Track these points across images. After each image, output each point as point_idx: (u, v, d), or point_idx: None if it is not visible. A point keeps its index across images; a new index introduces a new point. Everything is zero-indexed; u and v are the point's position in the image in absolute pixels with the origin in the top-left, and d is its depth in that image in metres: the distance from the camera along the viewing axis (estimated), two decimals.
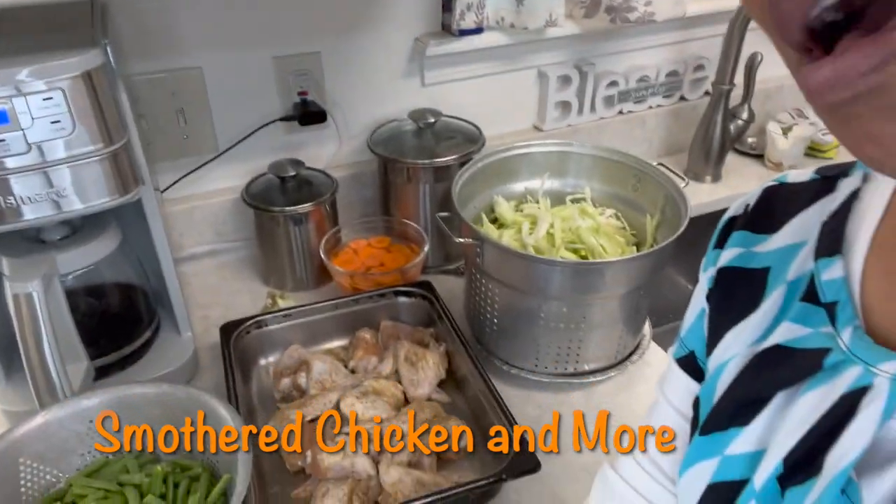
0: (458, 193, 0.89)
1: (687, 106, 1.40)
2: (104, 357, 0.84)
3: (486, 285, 0.87)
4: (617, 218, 0.98)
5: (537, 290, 0.81)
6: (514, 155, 0.99)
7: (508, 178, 1.01)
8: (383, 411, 0.80)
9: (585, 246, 0.91)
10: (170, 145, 1.05)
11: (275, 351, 0.92)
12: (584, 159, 1.00)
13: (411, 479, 0.73)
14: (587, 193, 1.00)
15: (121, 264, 0.86)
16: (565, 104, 1.29)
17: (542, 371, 0.89)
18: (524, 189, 1.01)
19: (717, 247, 0.47)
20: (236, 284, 1.10)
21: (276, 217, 1.01)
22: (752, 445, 0.39)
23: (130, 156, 0.72)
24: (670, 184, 0.89)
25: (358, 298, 0.94)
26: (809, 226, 0.41)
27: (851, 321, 0.35)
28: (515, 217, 0.97)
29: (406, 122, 1.12)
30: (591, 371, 0.90)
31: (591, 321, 0.84)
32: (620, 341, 0.89)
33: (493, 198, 0.99)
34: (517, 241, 0.92)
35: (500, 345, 0.91)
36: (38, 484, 0.70)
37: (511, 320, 0.87)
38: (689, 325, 0.49)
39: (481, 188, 0.98)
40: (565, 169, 1.01)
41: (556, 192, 1.01)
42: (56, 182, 0.67)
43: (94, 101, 0.66)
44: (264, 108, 1.08)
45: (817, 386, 0.36)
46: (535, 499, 0.75)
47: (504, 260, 0.83)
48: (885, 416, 0.32)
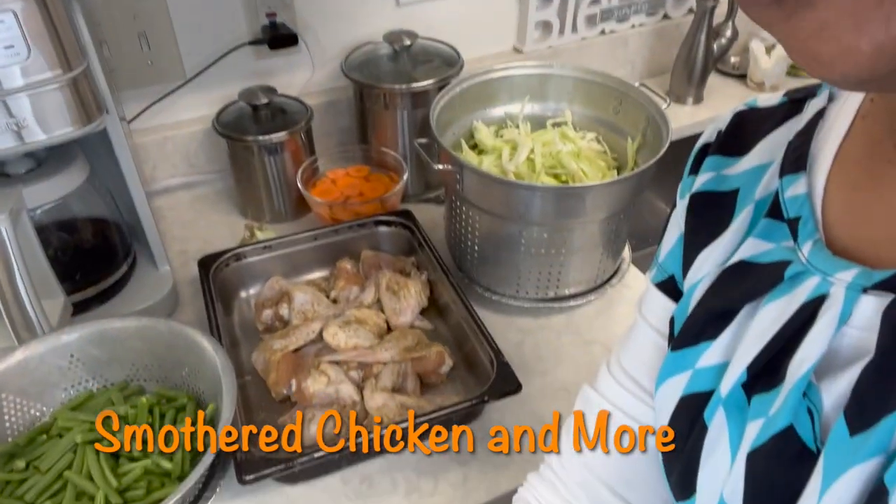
0: (437, 119, 0.87)
1: (670, 24, 1.37)
2: (81, 292, 0.83)
3: (466, 212, 0.86)
4: (598, 142, 0.96)
5: (518, 215, 0.81)
6: (493, 78, 0.96)
7: (488, 102, 0.98)
8: (366, 339, 0.81)
9: (566, 171, 0.90)
10: (134, 72, 1.00)
11: (255, 283, 0.92)
12: (565, 82, 0.97)
13: (395, 403, 0.74)
14: (568, 117, 0.98)
15: (91, 198, 0.83)
16: (546, 24, 1.25)
17: (523, 297, 0.90)
18: (504, 114, 0.99)
19: (692, 173, 0.48)
20: (213, 217, 1.08)
21: (250, 147, 0.98)
22: (719, 357, 0.41)
23: (92, 83, 0.69)
24: (652, 106, 0.88)
25: (338, 229, 0.93)
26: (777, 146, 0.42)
27: (812, 235, 0.36)
28: (495, 143, 0.95)
29: (381, 45, 1.08)
30: (571, 295, 0.91)
31: (572, 246, 0.84)
32: (600, 265, 0.89)
33: (473, 123, 0.97)
34: (497, 167, 0.91)
35: (482, 271, 0.91)
36: (22, 418, 0.71)
37: (492, 247, 0.87)
38: (667, 250, 0.50)
39: (460, 114, 0.96)
40: (546, 92, 0.98)
41: (537, 116, 0.99)
42: (15, 111, 0.64)
43: (49, 23, 0.63)
44: (232, 32, 1.03)
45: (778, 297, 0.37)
46: (517, 419, 0.77)
47: (484, 186, 0.82)
48: (840, 322, 0.34)
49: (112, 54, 0.97)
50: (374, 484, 0.71)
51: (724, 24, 1.29)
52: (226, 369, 0.68)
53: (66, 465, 0.66)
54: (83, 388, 0.74)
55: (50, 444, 0.67)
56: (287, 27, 1.04)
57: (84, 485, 0.64)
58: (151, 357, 0.75)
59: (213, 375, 0.69)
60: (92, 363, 0.74)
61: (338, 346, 0.80)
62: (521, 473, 0.71)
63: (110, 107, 0.74)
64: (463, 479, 0.71)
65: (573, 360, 0.85)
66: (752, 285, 0.39)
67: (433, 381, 0.80)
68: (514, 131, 0.96)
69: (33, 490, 0.63)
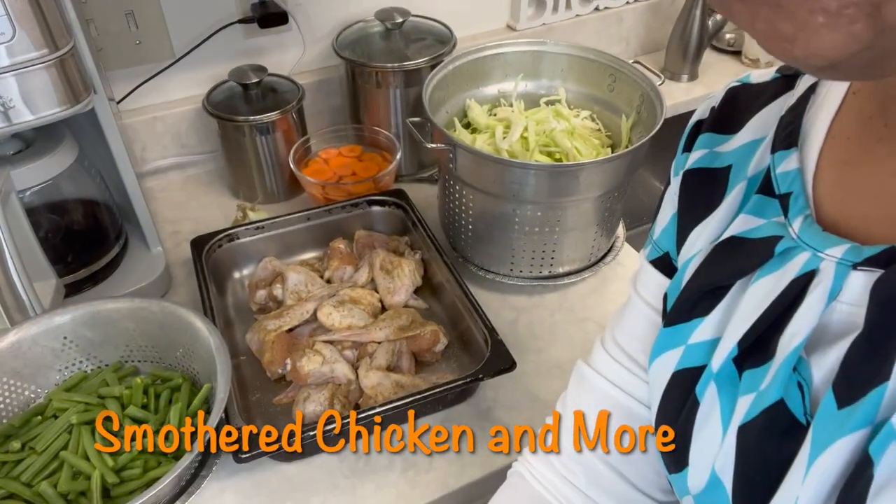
0: (430, 98, 0.86)
1: (665, 1, 1.35)
2: (73, 274, 0.83)
3: (460, 191, 0.86)
4: (592, 119, 0.96)
5: (511, 194, 0.81)
6: (486, 56, 0.95)
7: (481, 80, 0.97)
8: (360, 319, 0.81)
9: (560, 149, 0.90)
10: (122, 52, 0.99)
11: (249, 264, 0.91)
12: (559, 59, 0.96)
13: (390, 381, 0.74)
14: (562, 95, 0.97)
15: (81, 179, 0.83)
16: (540, 1, 1.24)
17: (517, 275, 0.90)
18: (497, 92, 0.98)
19: (686, 150, 0.48)
20: (205, 198, 1.07)
21: (241, 127, 0.97)
22: (711, 333, 0.41)
23: (79, 62, 0.68)
24: (646, 82, 0.87)
25: (331, 209, 0.93)
26: (769, 122, 0.42)
27: (803, 211, 0.36)
28: (489, 121, 0.94)
29: (373, 23, 1.07)
30: (565, 273, 0.91)
31: (566, 224, 0.84)
32: (595, 243, 0.89)
33: (466, 102, 0.97)
34: (491, 145, 0.91)
35: (476, 250, 0.91)
36: (16, 400, 0.71)
37: (486, 226, 0.87)
38: (662, 227, 0.50)
39: (453, 92, 0.95)
40: (539, 70, 0.98)
41: (531, 94, 0.98)
42: (2, 92, 0.64)
43: (34, 2, 0.62)
44: (221, 11, 1.02)
45: (769, 273, 0.37)
46: (511, 396, 0.77)
47: (477, 165, 0.81)
48: (830, 297, 0.34)
49: (99, 33, 0.96)
50: (370, 461, 0.71)
51: None
52: (220, 349, 0.68)
53: (62, 445, 0.66)
54: (77, 370, 0.74)
55: (45, 425, 0.68)
56: (277, 5, 1.03)
57: (80, 464, 0.64)
58: (145, 338, 0.75)
59: (207, 356, 0.69)
60: (85, 345, 0.74)
61: (332, 325, 0.80)
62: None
63: (98, 87, 0.73)
64: (458, 455, 0.72)
65: (567, 337, 0.85)
66: (742, 261, 0.39)
67: (428, 360, 0.80)
68: (507, 110, 0.96)
69: (29, 470, 0.64)
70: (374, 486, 0.69)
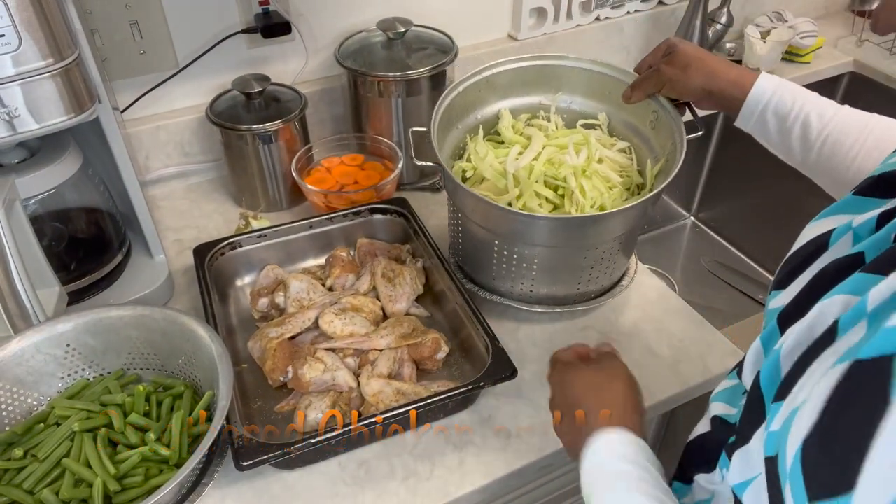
0: (463, 98, 0.85)
1: (665, 11, 1.36)
2: (77, 282, 0.83)
3: (460, 218, 0.84)
4: (627, 152, 0.89)
5: (511, 234, 0.78)
6: (535, 66, 0.91)
7: (520, 89, 0.93)
8: (362, 327, 0.81)
9: (564, 184, 0.84)
10: (126, 61, 1.00)
11: (251, 272, 0.92)
12: (607, 81, 0.89)
13: (392, 389, 0.75)
14: (602, 120, 0.91)
15: (85, 188, 0.83)
16: (541, 11, 1.25)
17: (517, 298, 0.86)
18: (539, 103, 0.94)
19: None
20: (208, 206, 1.08)
21: (244, 136, 0.98)
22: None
23: (84, 72, 0.69)
24: (678, 132, 0.79)
25: (333, 217, 0.93)
26: None
27: None
28: (512, 137, 0.90)
29: (375, 32, 1.08)
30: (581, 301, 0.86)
31: (545, 264, 0.80)
32: (605, 276, 0.85)
33: (500, 110, 0.92)
34: (501, 164, 0.86)
35: (472, 268, 0.89)
36: (19, 407, 0.71)
37: (473, 248, 0.85)
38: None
39: (488, 95, 0.91)
40: (589, 89, 0.92)
41: (575, 112, 0.93)
42: (7, 101, 0.64)
43: (40, 12, 0.62)
44: (224, 21, 1.03)
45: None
46: (512, 404, 0.77)
47: (464, 196, 0.79)
48: None
49: (104, 43, 0.97)
50: (371, 469, 0.71)
51: (719, 10, 1.28)
52: (222, 357, 0.69)
53: (64, 452, 0.66)
54: (79, 378, 0.74)
55: (47, 433, 0.68)
56: (280, 15, 1.04)
57: (82, 472, 0.64)
58: (148, 346, 0.75)
59: (209, 363, 0.70)
60: (88, 352, 0.74)
61: (334, 333, 0.80)
62: (517, 458, 0.72)
63: (102, 96, 0.73)
64: (459, 463, 0.72)
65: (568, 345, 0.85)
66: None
67: (429, 368, 0.81)
68: (542, 124, 0.92)
69: (32, 478, 0.64)
70: (374, 493, 0.69)
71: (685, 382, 0.80)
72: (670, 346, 0.84)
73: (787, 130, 0.71)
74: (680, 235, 1.64)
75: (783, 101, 0.71)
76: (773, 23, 1.39)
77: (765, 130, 0.73)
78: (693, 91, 0.77)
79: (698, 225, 1.63)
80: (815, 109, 0.70)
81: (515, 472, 0.71)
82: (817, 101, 0.70)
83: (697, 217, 1.64)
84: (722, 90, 0.74)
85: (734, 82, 0.74)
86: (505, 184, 0.83)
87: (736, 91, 0.73)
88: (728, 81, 0.74)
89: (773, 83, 0.72)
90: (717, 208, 1.61)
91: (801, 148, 0.71)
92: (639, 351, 0.84)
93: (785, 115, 0.71)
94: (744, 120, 0.74)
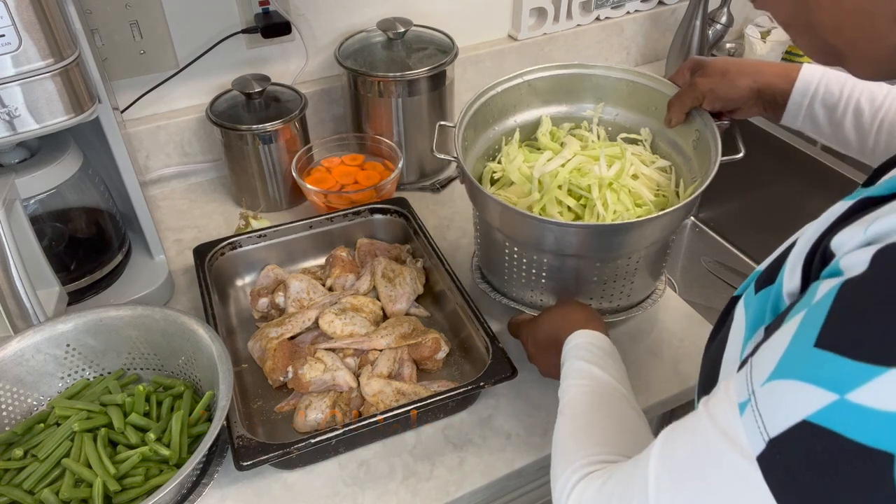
0: (487, 104, 0.82)
1: (665, 11, 1.36)
2: (77, 282, 0.83)
3: (475, 214, 0.81)
4: (667, 171, 0.84)
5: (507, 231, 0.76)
6: (583, 74, 0.88)
7: (564, 97, 0.90)
8: (362, 327, 0.81)
9: (588, 195, 0.80)
10: (127, 62, 1.00)
11: (251, 272, 0.92)
12: (654, 96, 0.85)
13: (392, 389, 0.75)
14: (645, 136, 0.87)
15: (85, 188, 0.83)
16: (541, 11, 1.25)
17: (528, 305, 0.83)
18: (583, 113, 0.90)
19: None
20: (208, 206, 1.08)
21: (244, 136, 0.98)
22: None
23: (84, 72, 0.69)
24: (715, 156, 0.74)
25: (333, 217, 0.93)
26: None
27: None
28: (549, 144, 0.87)
29: (375, 32, 1.08)
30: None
31: (554, 274, 0.76)
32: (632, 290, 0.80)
33: (541, 116, 0.90)
34: (529, 168, 0.83)
35: (487, 269, 0.87)
36: (19, 407, 0.71)
37: (487, 248, 0.83)
38: None
39: (531, 99, 0.88)
40: (635, 103, 0.88)
41: (619, 124, 0.90)
42: (7, 101, 0.64)
43: (40, 12, 0.62)
44: (224, 21, 1.03)
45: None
46: (512, 404, 0.77)
47: (475, 192, 0.76)
48: None
49: (104, 43, 0.97)
50: (371, 469, 0.71)
51: (720, 10, 1.28)
52: (222, 357, 0.69)
53: (64, 452, 0.66)
54: (79, 378, 0.74)
55: (47, 433, 0.68)
56: (280, 15, 1.04)
57: (82, 472, 0.64)
58: (148, 346, 0.75)
59: (209, 363, 0.70)
60: (88, 352, 0.74)
61: (334, 333, 0.80)
62: (517, 458, 0.72)
63: (103, 96, 0.73)
64: (459, 463, 0.72)
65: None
66: None
67: (429, 368, 0.81)
68: (583, 135, 0.89)
69: (32, 478, 0.64)
70: (374, 494, 0.69)
71: (685, 382, 0.80)
72: (670, 346, 0.84)
73: (839, 120, 0.69)
74: (680, 235, 1.63)
75: (830, 91, 0.69)
76: (773, 23, 1.39)
77: (815, 123, 0.71)
78: (740, 92, 0.74)
79: (698, 225, 1.63)
80: (865, 94, 0.68)
81: (515, 472, 0.71)
82: (866, 85, 0.68)
83: (697, 217, 1.64)
84: (769, 83, 0.72)
85: (780, 74, 0.72)
86: (529, 189, 0.81)
87: (783, 83, 0.71)
88: (773, 74, 0.72)
89: (820, 70, 0.70)
90: (717, 208, 1.61)
91: (856, 136, 0.69)
92: (639, 351, 0.84)
93: (834, 104, 0.69)
94: (791, 115, 0.72)
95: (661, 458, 0.38)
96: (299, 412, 0.73)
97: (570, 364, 0.62)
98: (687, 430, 0.37)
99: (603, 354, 0.61)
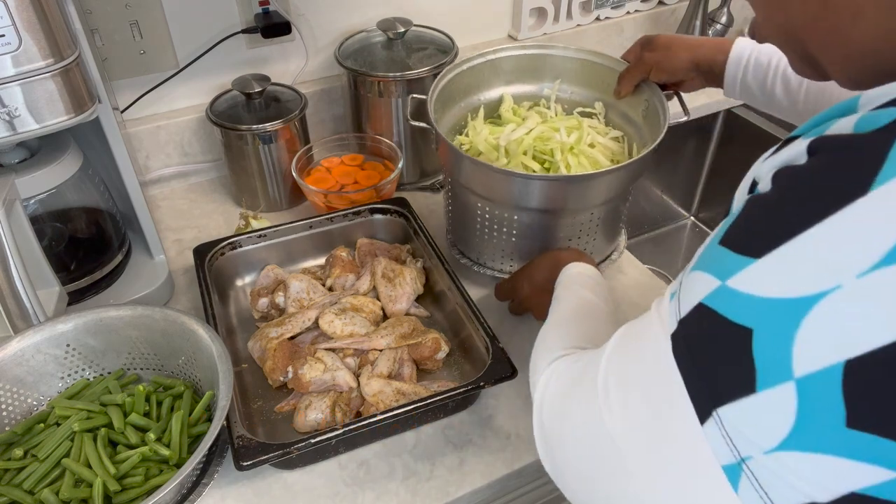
0: (453, 81, 0.89)
1: (665, 11, 1.36)
2: (77, 282, 0.83)
3: (447, 181, 0.87)
4: (620, 141, 0.91)
5: (505, 198, 0.80)
6: (539, 55, 0.95)
7: (521, 76, 0.97)
8: (362, 327, 0.81)
9: (552, 160, 0.88)
10: (127, 62, 1.00)
11: (251, 272, 0.92)
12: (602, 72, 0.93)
13: (392, 389, 0.75)
14: (599, 109, 0.95)
15: (85, 188, 0.83)
16: (541, 11, 1.25)
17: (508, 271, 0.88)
18: (544, 91, 0.98)
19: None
20: (208, 206, 1.08)
21: (244, 136, 0.98)
22: None
23: (84, 72, 0.69)
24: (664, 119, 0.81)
25: (333, 217, 0.93)
26: None
27: None
28: (512, 118, 0.94)
29: (375, 32, 1.08)
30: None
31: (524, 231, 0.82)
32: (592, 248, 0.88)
33: (503, 94, 0.97)
34: (496, 139, 0.90)
35: (468, 244, 0.91)
36: (19, 407, 0.71)
37: (460, 213, 0.88)
38: None
39: (492, 79, 0.96)
40: (587, 79, 0.95)
41: (575, 101, 0.97)
42: (7, 101, 0.64)
43: (40, 12, 0.62)
44: (224, 21, 1.03)
45: None
46: (512, 404, 0.77)
47: (448, 151, 0.82)
48: None
49: (104, 43, 0.97)
50: (371, 469, 0.71)
51: (719, 10, 1.28)
52: (222, 357, 0.69)
53: (64, 452, 0.66)
54: (79, 378, 0.74)
55: (47, 433, 0.68)
56: (280, 15, 1.04)
57: (82, 472, 0.64)
58: (148, 346, 0.75)
59: (209, 363, 0.70)
60: (88, 352, 0.74)
61: (334, 333, 0.80)
62: (517, 458, 0.72)
63: (102, 96, 0.73)
64: (459, 463, 0.72)
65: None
66: None
67: (429, 368, 0.81)
68: (542, 111, 0.95)
69: (32, 478, 0.64)
70: (374, 494, 0.69)
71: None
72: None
73: (770, 87, 0.76)
74: (680, 235, 1.64)
75: (759, 61, 0.76)
76: None
77: (749, 92, 0.78)
78: (681, 64, 0.81)
79: (698, 225, 1.63)
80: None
81: (515, 472, 0.71)
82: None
83: (697, 217, 1.64)
84: (706, 56, 0.79)
85: (716, 47, 0.79)
86: (497, 156, 0.88)
87: (718, 55, 0.78)
88: (710, 47, 0.80)
89: (752, 43, 0.77)
90: (717, 208, 1.61)
91: (787, 100, 0.76)
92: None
93: (764, 72, 0.76)
94: (729, 86, 0.79)
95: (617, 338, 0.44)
96: (299, 412, 0.73)
97: (561, 289, 0.67)
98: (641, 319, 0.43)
99: (594, 283, 0.67)
